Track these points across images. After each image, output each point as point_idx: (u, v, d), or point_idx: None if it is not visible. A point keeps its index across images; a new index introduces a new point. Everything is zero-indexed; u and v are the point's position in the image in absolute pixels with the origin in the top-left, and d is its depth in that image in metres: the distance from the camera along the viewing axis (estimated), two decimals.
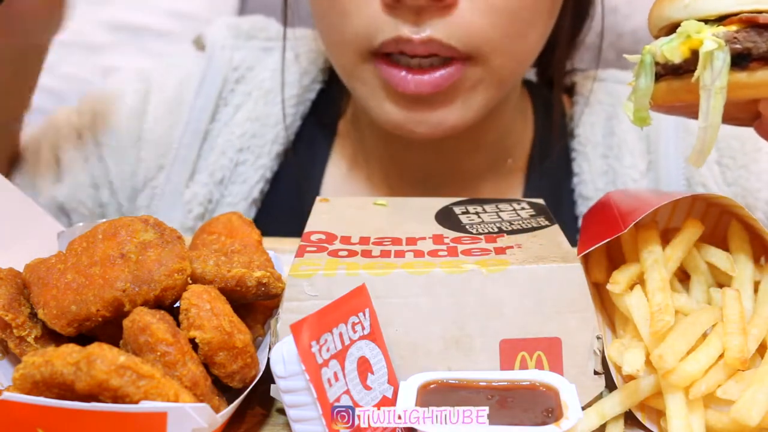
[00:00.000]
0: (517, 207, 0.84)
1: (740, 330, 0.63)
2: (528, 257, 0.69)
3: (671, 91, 0.64)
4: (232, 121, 1.17)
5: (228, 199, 1.16)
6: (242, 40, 1.21)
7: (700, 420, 0.61)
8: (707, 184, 1.09)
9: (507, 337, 0.67)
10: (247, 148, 1.15)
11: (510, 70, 0.97)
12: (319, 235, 0.76)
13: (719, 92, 0.60)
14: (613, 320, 0.72)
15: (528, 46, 0.97)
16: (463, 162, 1.13)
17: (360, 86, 0.99)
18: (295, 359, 0.58)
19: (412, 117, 0.96)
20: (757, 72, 0.60)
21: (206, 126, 1.16)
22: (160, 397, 0.55)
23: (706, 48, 0.60)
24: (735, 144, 1.10)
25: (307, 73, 1.19)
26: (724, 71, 0.59)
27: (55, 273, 0.66)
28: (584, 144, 1.14)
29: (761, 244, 0.72)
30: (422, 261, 0.69)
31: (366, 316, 0.64)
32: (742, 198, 1.09)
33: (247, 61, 1.19)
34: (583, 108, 1.16)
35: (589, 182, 1.12)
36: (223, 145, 1.15)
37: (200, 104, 1.16)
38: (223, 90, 1.17)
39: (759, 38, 0.60)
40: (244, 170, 1.15)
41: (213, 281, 0.67)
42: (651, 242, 0.70)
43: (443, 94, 0.94)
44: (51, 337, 0.67)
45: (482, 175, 1.14)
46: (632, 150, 1.12)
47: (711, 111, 0.60)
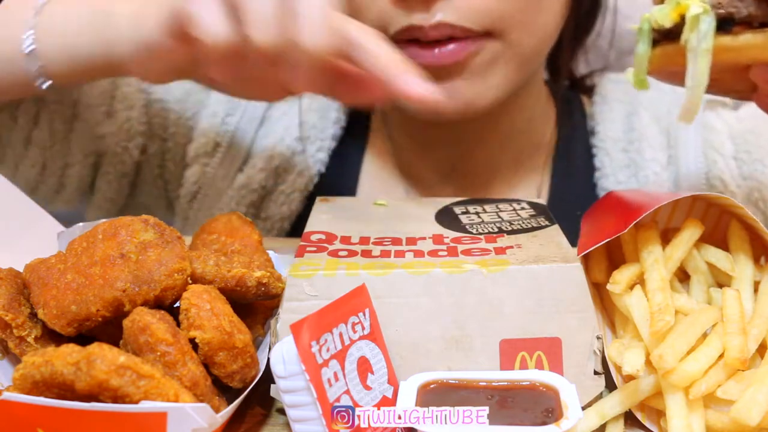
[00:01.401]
0: (517, 207, 0.84)
1: (740, 330, 0.63)
2: (528, 257, 0.69)
3: (666, 55, 0.69)
4: (291, 109, 1.17)
5: (282, 187, 1.15)
6: None
7: (700, 420, 0.61)
8: (724, 178, 1.10)
9: (507, 337, 0.67)
10: (306, 138, 1.16)
11: (529, 45, 0.98)
12: (319, 235, 0.76)
13: (705, 54, 0.64)
14: (613, 320, 0.72)
15: (544, 19, 0.98)
16: (488, 153, 1.14)
17: None
18: (295, 359, 0.58)
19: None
20: (740, 36, 0.64)
21: (264, 113, 1.17)
22: (160, 397, 0.55)
23: (692, 12, 0.64)
24: (750, 138, 1.11)
25: None
26: (710, 34, 0.64)
27: (55, 273, 0.66)
28: (604, 140, 1.15)
29: (761, 244, 0.72)
30: (422, 261, 0.69)
31: (366, 316, 0.64)
32: (758, 191, 1.10)
33: None
34: (602, 106, 1.18)
35: (610, 175, 1.13)
36: (282, 132, 1.16)
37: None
38: None
39: (741, 3, 0.64)
40: (302, 160, 1.15)
41: (213, 281, 0.67)
42: (651, 242, 0.70)
43: (462, 66, 0.95)
44: (51, 337, 0.67)
45: (508, 167, 1.16)
46: (653, 144, 1.13)
47: (697, 71, 0.64)
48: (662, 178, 1.12)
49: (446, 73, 0.95)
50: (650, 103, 1.17)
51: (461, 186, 1.15)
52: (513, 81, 1.00)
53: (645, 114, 1.16)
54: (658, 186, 1.11)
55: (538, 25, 0.98)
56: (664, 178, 1.12)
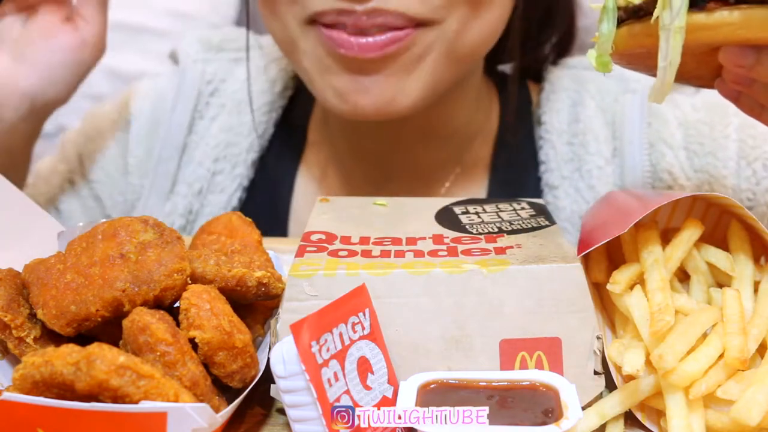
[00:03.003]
0: (517, 207, 0.84)
1: (740, 330, 0.63)
2: (528, 257, 0.69)
3: (632, 35, 0.66)
4: (207, 133, 1.18)
5: (207, 209, 1.17)
6: (213, 53, 1.23)
7: (700, 420, 0.61)
8: (674, 171, 1.07)
9: (507, 337, 0.67)
10: (223, 158, 1.17)
11: (466, 42, 0.94)
12: (319, 235, 0.76)
13: (678, 32, 0.61)
14: (613, 320, 0.72)
15: (487, 17, 0.94)
16: (426, 154, 1.13)
17: (303, 59, 0.98)
18: (295, 359, 0.58)
19: (356, 84, 0.93)
20: (714, 13, 0.61)
21: (184, 139, 1.18)
22: (160, 397, 0.55)
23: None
24: (704, 129, 1.08)
25: (277, 81, 1.20)
26: (683, 11, 0.61)
27: (55, 273, 0.66)
28: (550, 131, 1.12)
29: (761, 244, 0.72)
30: (422, 261, 0.69)
31: (366, 316, 0.64)
32: (708, 185, 1.07)
33: (219, 74, 1.21)
34: (549, 95, 1.15)
35: (555, 170, 1.11)
36: (200, 156, 1.17)
37: (177, 119, 1.18)
38: (198, 103, 1.19)
39: None
40: (222, 180, 1.17)
41: (213, 281, 0.67)
42: (651, 242, 0.70)
43: (390, 60, 0.92)
44: (50, 338, 0.67)
45: (445, 166, 1.15)
46: (597, 136, 1.10)
47: (671, 50, 0.62)
48: (606, 173, 1.09)
49: (370, 67, 0.92)
50: (597, 91, 1.14)
51: (400, 187, 1.14)
52: (441, 81, 0.97)
53: (591, 103, 1.13)
54: (601, 181, 1.09)
55: (482, 22, 0.94)
56: (608, 172, 1.09)
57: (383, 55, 0.91)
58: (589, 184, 1.09)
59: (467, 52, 0.97)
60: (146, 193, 1.18)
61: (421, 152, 1.13)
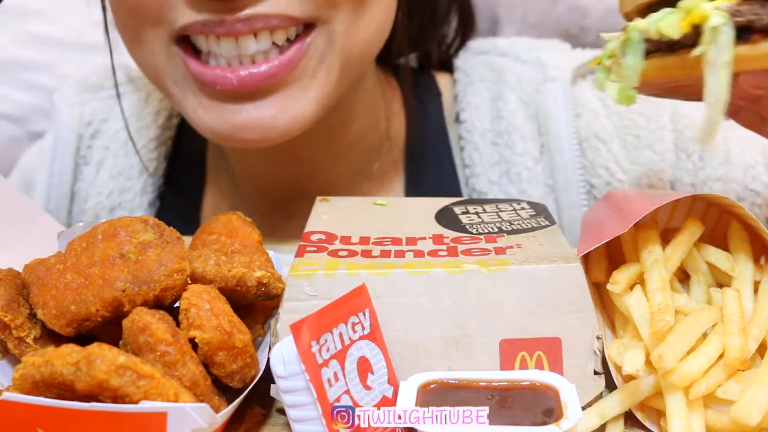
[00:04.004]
0: (517, 207, 0.84)
1: (740, 330, 0.63)
2: (528, 257, 0.69)
3: (663, 67, 0.64)
4: (96, 180, 1.13)
5: None
6: (91, 93, 1.17)
7: (700, 420, 0.61)
8: (609, 166, 1.02)
9: (507, 337, 0.67)
10: (118, 206, 1.11)
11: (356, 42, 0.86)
12: (319, 235, 0.76)
13: (724, 66, 0.59)
14: (613, 320, 0.72)
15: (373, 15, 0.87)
16: (330, 167, 1.04)
17: (175, 90, 0.88)
18: (295, 359, 0.58)
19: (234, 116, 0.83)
20: (759, 44, 0.59)
21: (70, 187, 1.13)
22: (160, 397, 0.55)
23: (712, 23, 0.59)
24: (640, 121, 1.03)
25: (161, 112, 1.13)
26: (729, 45, 0.59)
27: (55, 273, 0.66)
28: (471, 131, 1.05)
29: (761, 244, 0.72)
30: (422, 261, 0.69)
31: (366, 316, 0.64)
32: (646, 177, 1.03)
33: (100, 114, 1.15)
34: (466, 87, 1.07)
35: (481, 174, 1.04)
36: (94, 207, 1.12)
37: (59, 166, 1.13)
38: (80, 147, 1.14)
39: (762, 10, 0.59)
40: None
41: (213, 281, 0.67)
42: (651, 242, 0.70)
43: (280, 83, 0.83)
44: (50, 338, 0.67)
45: (352, 181, 1.06)
46: (523, 134, 1.03)
47: (717, 86, 0.59)
48: (536, 173, 1.03)
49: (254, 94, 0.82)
50: (517, 81, 1.06)
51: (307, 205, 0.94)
52: (334, 91, 0.88)
53: (512, 96, 1.05)
54: (532, 183, 1.03)
55: (368, 20, 0.86)
56: (538, 172, 1.03)
57: (268, 83, 0.82)
58: (520, 188, 1.03)
59: (358, 54, 0.89)
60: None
61: (325, 168, 1.04)
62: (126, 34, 0.88)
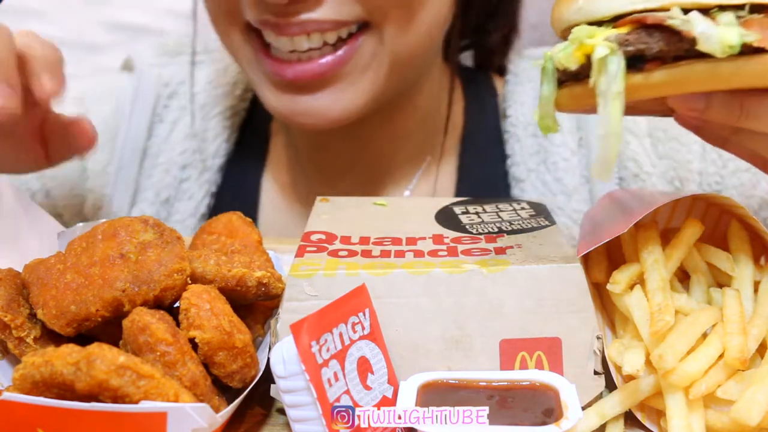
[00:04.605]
0: (517, 207, 0.84)
1: (740, 330, 0.63)
2: (528, 257, 0.69)
3: (574, 97, 0.62)
4: (170, 137, 1.18)
5: (176, 217, 1.16)
6: (169, 57, 1.23)
7: (700, 420, 0.61)
8: (639, 159, 1.07)
9: (507, 337, 0.67)
10: (189, 165, 1.16)
11: (405, 45, 0.94)
12: (319, 235, 0.76)
13: (616, 97, 0.57)
14: (613, 320, 0.72)
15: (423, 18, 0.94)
16: (389, 147, 1.13)
17: (249, 71, 1.00)
18: (295, 359, 0.58)
19: (294, 105, 0.96)
20: (653, 73, 0.58)
21: (144, 143, 1.17)
22: (160, 397, 0.55)
23: (598, 54, 0.58)
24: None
25: (238, 83, 1.20)
26: (620, 76, 0.57)
27: (55, 273, 0.66)
28: (515, 125, 1.12)
29: (761, 244, 0.72)
30: (422, 261, 0.69)
31: (366, 316, 0.64)
32: (674, 170, 1.07)
33: (178, 77, 1.21)
34: (515, 87, 1.15)
35: (521, 163, 1.11)
36: (165, 163, 1.16)
37: (135, 122, 1.17)
38: (156, 106, 1.19)
39: (650, 39, 0.57)
40: (189, 187, 1.16)
41: (213, 281, 0.67)
42: (651, 242, 0.70)
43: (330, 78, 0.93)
44: (50, 338, 0.67)
45: (411, 158, 1.14)
46: (562, 127, 1.08)
47: (610, 118, 0.58)
48: (572, 164, 1.09)
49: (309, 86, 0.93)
50: None
51: (367, 183, 1.14)
52: (386, 86, 0.97)
53: None
54: (568, 173, 1.09)
55: (417, 23, 0.94)
56: (575, 163, 1.09)
57: (321, 78, 0.92)
58: (556, 177, 1.09)
59: (408, 54, 0.97)
60: (107, 201, 1.16)
61: (386, 145, 1.13)
62: (212, 19, 1.02)
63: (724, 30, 0.55)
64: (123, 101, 1.19)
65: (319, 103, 0.95)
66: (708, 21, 0.56)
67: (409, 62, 0.99)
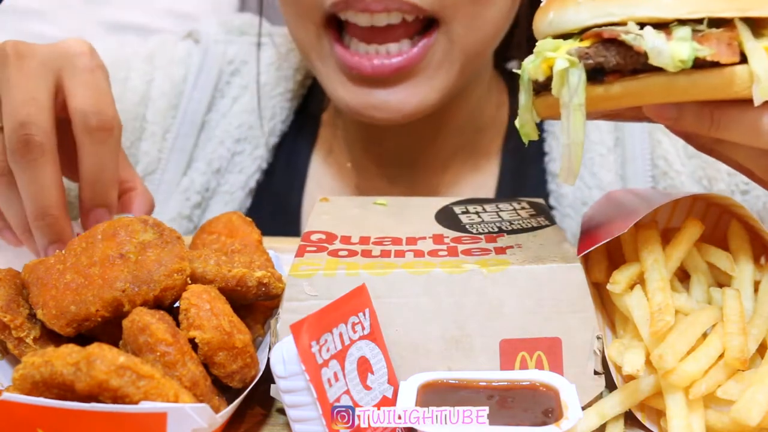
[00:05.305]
0: (518, 207, 0.84)
1: (740, 330, 0.63)
2: (528, 257, 0.69)
3: (548, 106, 0.64)
4: (229, 112, 1.20)
5: (225, 188, 1.18)
6: (235, 35, 1.25)
7: (700, 420, 0.61)
8: (669, 158, 1.09)
9: (507, 337, 0.67)
10: (244, 139, 1.18)
11: (473, 42, 0.97)
12: (319, 234, 0.76)
13: (578, 109, 0.59)
14: (613, 320, 0.72)
15: (491, 15, 0.97)
16: (436, 142, 1.15)
17: (319, 65, 1.01)
18: (295, 359, 0.58)
19: (369, 98, 0.98)
20: (613, 85, 0.59)
21: (203, 117, 1.19)
22: (160, 398, 0.55)
23: (558, 66, 0.59)
24: None
25: (299, 69, 1.22)
26: (581, 88, 0.59)
27: (55, 273, 0.66)
28: (552, 123, 1.15)
29: (761, 244, 0.72)
30: (422, 261, 0.69)
31: (366, 316, 0.64)
32: (702, 170, 1.09)
33: (241, 55, 1.23)
34: None
35: (558, 160, 1.13)
36: (221, 135, 1.18)
37: (197, 95, 1.19)
38: (219, 82, 1.21)
39: (608, 52, 0.59)
40: (241, 160, 1.18)
41: (214, 281, 0.67)
42: (651, 242, 0.70)
43: (406, 74, 0.95)
44: (50, 338, 0.67)
45: (456, 154, 1.17)
46: (599, 126, 1.13)
47: (572, 128, 0.60)
48: (608, 161, 1.12)
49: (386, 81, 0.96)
50: None
51: (412, 176, 1.16)
52: (455, 83, 1.00)
53: None
54: (604, 168, 1.11)
55: (483, 20, 0.97)
56: (611, 160, 1.12)
57: (398, 73, 0.94)
58: (592, 171, 1.12)
59: (477, 50, 0.99)
60: (162, 166, 1.18)
61: (433, 140, 1.15)
62: (286, 12, 1.03)
63: (676, 45, 0.56)
64: (187, 74, 1.21)
65: (395, 97, 0.97)
66: (661, 36, 0.57)
67: (476, 60, 1.02)
